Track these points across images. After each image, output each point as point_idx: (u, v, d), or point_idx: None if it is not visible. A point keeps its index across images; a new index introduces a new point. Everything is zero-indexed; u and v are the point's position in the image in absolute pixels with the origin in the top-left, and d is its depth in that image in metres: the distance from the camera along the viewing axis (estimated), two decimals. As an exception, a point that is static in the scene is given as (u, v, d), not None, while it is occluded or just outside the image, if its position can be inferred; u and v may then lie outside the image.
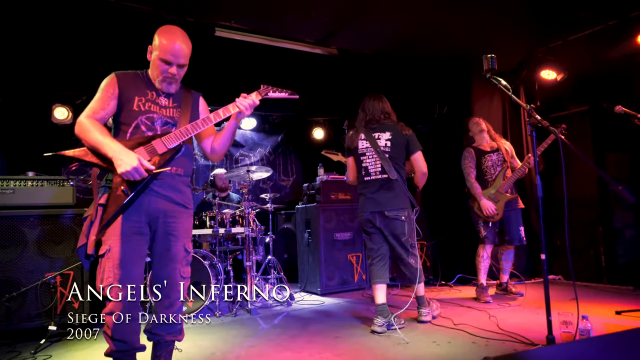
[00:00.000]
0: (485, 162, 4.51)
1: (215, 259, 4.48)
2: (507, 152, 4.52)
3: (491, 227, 4.40)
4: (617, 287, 4.71)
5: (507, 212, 4.38)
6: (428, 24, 4.51)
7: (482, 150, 4.56)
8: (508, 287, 4.52)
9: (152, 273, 2.37)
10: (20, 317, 3.43)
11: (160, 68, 2.28)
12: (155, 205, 2.24)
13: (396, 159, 3.56)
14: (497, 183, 4.40)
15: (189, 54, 2.33)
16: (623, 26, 4.48)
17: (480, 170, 4.52)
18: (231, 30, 4.38)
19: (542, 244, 2.68)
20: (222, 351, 3.06)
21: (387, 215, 3.51)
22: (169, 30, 2.30)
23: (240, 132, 6.53)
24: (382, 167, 3.54)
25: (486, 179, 4.49)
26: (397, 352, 2.85)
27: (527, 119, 2.79)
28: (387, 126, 3.63)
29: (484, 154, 4.54)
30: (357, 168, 3.72)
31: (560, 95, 5.50)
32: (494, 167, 4.48)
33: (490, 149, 4.54)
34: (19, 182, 3.56)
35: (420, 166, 3.62)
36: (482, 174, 4.51)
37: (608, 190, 5.02)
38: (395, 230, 3.51)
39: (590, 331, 2.70)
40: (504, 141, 4.68)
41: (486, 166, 4.51)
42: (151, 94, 2.32)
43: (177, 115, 2.35)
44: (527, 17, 4.41)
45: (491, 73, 2.90)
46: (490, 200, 4.35)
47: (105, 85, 2.25)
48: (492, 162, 4.50)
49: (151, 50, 2.32)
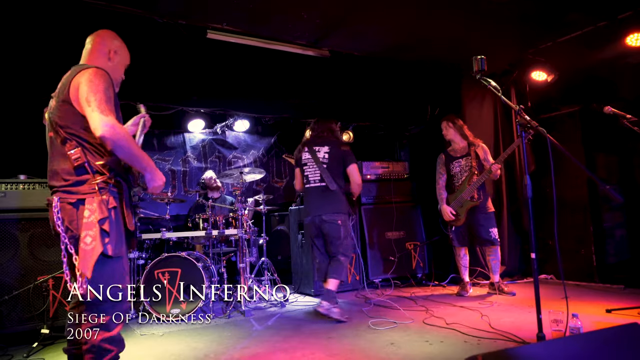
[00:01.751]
0: (453, 168, 4.69)
1: (209, 261, 4.48)
2: (478, 157, 4.61)
3: (455, 230, 4.63)
4: (607, 286, 4.76)
5: (477, 216, 4.52)
6: (419, 26, 4.53)
7: (451, 156, 4.74)
8: (500, 286, 4.56)
9: None
10: (12, 321, 3.41)
11: (120, 73, 2.38)
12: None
13: (333, 170, 4.04)
14: (462, 188, 4.53)
15: None
16: (612, 28, 4.53)
17: (450, 176, 4.72)
18: (223, 32, 4.38)
19: (532, 243, 2.71)
20: (215, 353, 3.06)
21: (324, 219, 3.95)
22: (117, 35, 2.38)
23: (233, 134, 6.54)
24: (321, 176, 4.03)
25: (454, 183, 4.67)
26: (390, 352, 2.87)
27: (517, 120, 2.82)
28: (328, 141, 4.15)
29: (452, 159, 4.71)
30: (301, 177, 4.22)
31: (551, 96, 5.55)
32: (461, 173, 4.62)
33: (460, 155, 4.68)
34: (10, 185, 3.54)
35: (354, 178, 4.07)
36: (451, 178, 4.71)
37: (598, 190, 5.08)
38: (332, 233, 3.94)
39: (580, 329, 2.73)
40: (478, 143, 4.71)
41: (454, 172, 4.68)
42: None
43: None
44: (517, 19, 4.44)
45: (481, 74, 2.92)
46: (456, 205, 4.55)
47: (108, 83, 2.12)
48: (460, 167, 4.65)
49: (116, 52, 2.33)
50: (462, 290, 4.63)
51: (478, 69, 2.92)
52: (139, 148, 2.16)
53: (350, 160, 4.07)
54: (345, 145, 4.16)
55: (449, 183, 4.71)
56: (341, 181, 4.05)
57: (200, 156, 6.30)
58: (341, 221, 3.94)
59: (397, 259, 5.47)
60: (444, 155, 4.79)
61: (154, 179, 2.16)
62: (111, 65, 2.30)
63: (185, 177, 6.15)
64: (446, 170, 4.73)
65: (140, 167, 2.14)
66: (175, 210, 5.71)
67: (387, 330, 3.40)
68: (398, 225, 5.64)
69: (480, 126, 5.45)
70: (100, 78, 2.09)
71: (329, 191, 3.99)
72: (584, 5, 4.26)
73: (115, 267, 2.09)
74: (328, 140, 4.15)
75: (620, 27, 4.49)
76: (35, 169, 4.08)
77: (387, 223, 5.59)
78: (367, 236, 5.46)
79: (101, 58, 2.29)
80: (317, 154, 4.10)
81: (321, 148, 4.11)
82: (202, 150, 6.32)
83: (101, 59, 2.28)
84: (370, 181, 5.71)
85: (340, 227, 3.93)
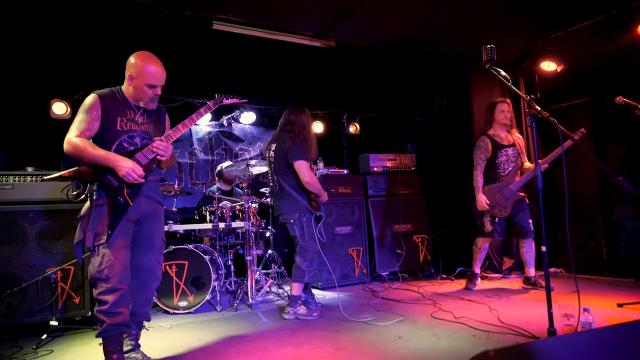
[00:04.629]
0: (500, 156, 4.38)
1: (216, 254, 4.48)
2: (521, 148, 4.47)
3: (499, 222, 4.40)
4: (618, 279, 4.71)
5: (518, 206, 4.36)
6: (427, 16, 4.47)
7: (499, 143, 4.41)
8: (538, 281, 4.38)
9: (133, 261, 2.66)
10: (21, 313, 3.43)
11: (147, 92, 2.64)
12: (145, 206, 2.70)
13: (279, 168, 3.83)
14: (511, 180, 4.32)
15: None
16: (624, 16, 4.44)
17: (494, 164, 4.40)
18: (229, 23, 4.35)
19: (543, 236, 2.67)
20: (223, 346, 3.06)
21: (281, 219, 3.89)
22: (148, 57, 2.64)
23: (239, 126, 6.51)
24: (271, 175, 3.94)
25: (498, 172, 4.39)
26: (398, 346, 2.85)
27: (527, 110, 2.77)
28: (279, 137, 3.89)
29: (500, 147, 4.39)
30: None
31: (561, 86, 5.47)
32: (507, 163, 4.38)
33: (507, 143, 4.42)
34: (18, 178, 3.54)
35: (301, 176, 3.73)
36: (495, 167, 4.39)
37: (609, 182, 5.00)
38: (290, 232, 3.85)
39: (592, 324, 2.69)
40: (517, 134, 4.57)
41: (500, 160, 4.38)
42: (130, 113, 2.66)
43: (151, 130, 2.74)
44: (527, 8, 4.38)
45: (490, 64, 2.89)
46: (501, 196, 4.30)
47: (89, 107, 2.54)
48: (507, 157, 4.39)
49: (132, 77, 2.62)
50: (471, 283, 4.52)
51: (487, 59, 2.88)
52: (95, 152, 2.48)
53: (294, 156, 3.72)
54: (289, 141, 3.77)
55: (491, 171, 4.39)
56: (290, 179, 3.79)
57: (206, 148, 6.29)
58: (294, 220, 3.76)
59: (404, 252, 5.44)
60: (489, 140, 4.39)
61: (120, 169, 2.49)
62: (132, 89, 2.66)
63: (192, 169, 6.14)
64: (491, 156, 4.37)
65: (106, 165, 2.50)
66: (182, 202, 5.71)
67: (395, 324, 3.38)
68: (405, 217, 5.61)
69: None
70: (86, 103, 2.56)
71: (279, 190, 3.85)
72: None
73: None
74: (279, 137, 3.88)
75: (632, 15, 4.40)
76: (42, 161, 4.10)
77: (394, 216, 5.56)
78: (375, 229, 5.44)
79: (126, 82, 2.68)
80: (270, 152, 3.92)
81: (272, 145, 3.92)
82: (208, 143, 6.30)
83: (126, 82, 2.68)
84: (377, 173, 5.68)
85: (294, 225, 3.76)
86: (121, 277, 2.51)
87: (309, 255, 3.76)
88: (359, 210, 5.36)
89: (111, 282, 2.48)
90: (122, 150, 2.58)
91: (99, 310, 2.51)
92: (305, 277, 3.74)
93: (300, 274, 3.74)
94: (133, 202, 2.58)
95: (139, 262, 2.72)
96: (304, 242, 3.77)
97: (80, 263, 2.94)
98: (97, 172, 2.52)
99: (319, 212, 3.85)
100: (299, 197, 3.78)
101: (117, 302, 2.50)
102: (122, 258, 2.54)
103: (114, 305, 2.48)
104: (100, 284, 2.50)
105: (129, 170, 2.49)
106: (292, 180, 3.80)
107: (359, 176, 5.56)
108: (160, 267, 2.88)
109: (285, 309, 3.77)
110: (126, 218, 2.58)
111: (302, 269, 3.74)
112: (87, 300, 3.66)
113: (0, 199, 3.46)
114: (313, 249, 3.76)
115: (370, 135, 6.95)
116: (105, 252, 2.49)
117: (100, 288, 2.49)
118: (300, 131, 3.83)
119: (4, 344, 3.29)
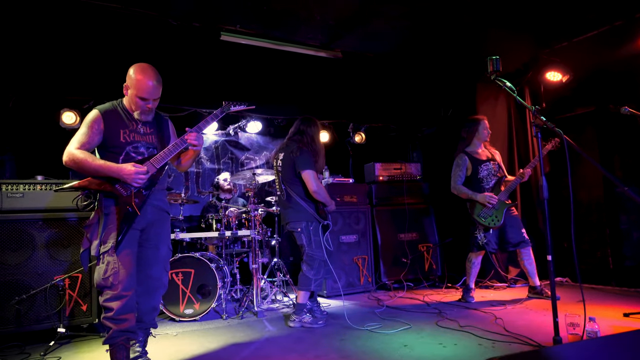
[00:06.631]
0: (481, 171, 4.47)
1: (222, 262, 4.50)
2: (499, 161, 4.55)
3: (493, 233, 4.39)
4: (624, 289, 4.69)
5: (507, 218, 4.38)
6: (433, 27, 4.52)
7: (477, 159, 4.50)
8: (544, 290, 4.38)
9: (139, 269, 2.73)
10: (29, 320, 3.46)
11: (138, 104, 2.68)
12: (152, 214, 2.76)
13: (287, 177, 3.85)
14: (496, 191, 4.37)
15: (161, 89, 2.73)
16: (629, 27, 4.47)
17: (476, 179, 4.46)
18: (236, 34, 4.41)
19: (548, 245, 2.68)
20: (229, 353, 3.08)
21: (288, 228, 3.91)
22: (143, 70, 2.66)
23: (245, 135, 6.56)
24: (279, 184, 3.94)
25: (482, 186, 4.44)
26: (403, 355, 2.85)
27: (532, 121, 2.79)
28: (287, 147, 3.92)
29: (480, 162, 4.49)
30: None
31: (566, 96, 5.48)
32: (489, 177, 4.46)
33: (485, 158, 4.52)
34: (28, 186, 3.59)
35: (308, 185, 3.75)
36: (478, 181, 4.45)
37: (615, 192, 5.00)
38: (297, 241, 3.87)
39: (597, 333, 2.69)
40: (493, 148, 4.68)
41: (482, 175, 4.46)
42: (132, 125, 2.73)
43: (155, 140, 2.81)
44: (532, 19, 4.41)
45: (496, 75, 2.91)
46: (492, 207, 4.32)
47: (91, 121, 2.62)
48: (489, 170, 4.47)
49: (127, 87, 2.68)
50: (468, 296, 4.44)
51: (493, 70, 2.91)
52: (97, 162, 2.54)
53: (302, 165, 3.74)
54: (297, 150, 3.80)
55: (475, 185, 4.43)
56: (297, 187, 3.82)
57: (213, 157, 6.33)
58: (301, 228, 3.79)
59: (409, 260, 5.44)
60: (467, 157, 4.50)
61: (123, 176, 2.54)
62: (128, 98, 2.74)
63: (199, 178, 6.18)
64: (472, 172, 4.47)
65: (110, 174, 2.55)
66: (189, 211, 5.75)
67: (400, 332, 3.38)
68: (411, 226, 5.61)
69: (494, 127, 5.38)
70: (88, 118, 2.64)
71: (286, 199, 3.87)
72: (600, 5, 4.20)
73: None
74: (288, 146, 3.90)
75: (637, 26, 4.42)
76: (52, 170, 4.14)
77: (399, 225, 5.57)
78: (380, 237, 5.45)
79: (125, 92, 2.73)
80: (277, 161, 3.95)
81: (280, 154, 3.94)
82: (215, 152, 6.35)
83: (125, 92, 2.73)
84: (383, 182, 5.70)
85: (301, 234, 3.79)
86: (126, 284, 2.55)
87: (316, 264, 3.78)
88: (364, 219, 5.37)
89: (116, 289, 2.52)
90: (130, 160, 2.63)
91: (105, 317, 2.55)
92: (312, 286, 3.76)
93: (306, 282, 3.76)
94: (140, 211, 2.62)
95: (145, 270, 2.77)
96: (310, 251, 3.78)
97: (86, 271, 2.99)
98: (106, 182, 2.57)
99: (326, 221, 3.88)
100: (307, 206, 3.81)
101: (123, 309, 2.54)
102: (127, 265, 2.58)
103: (119, 311, 2.53)
104: (105, 291, 2.54)
105: (134, 176, 2.54)
106: (300, 189, 3.82)
107: (365, 185, 5.58)
108: (167, 274, 2.92)
109: (291, 317, 3.78)
110: (133, 226, 2.63)
111: (309, 277, 3.76)
112: (94, 308, 3.68)
113: (10, 207, 3.50)
114: (319, 258, 3.78)
115: (376, 144, 6.97)
116: (110, 260, 2.54)
117: (106, 295, 2.54)
118: (309, 141, 3.88)
119: (13, 350, 3.31)
